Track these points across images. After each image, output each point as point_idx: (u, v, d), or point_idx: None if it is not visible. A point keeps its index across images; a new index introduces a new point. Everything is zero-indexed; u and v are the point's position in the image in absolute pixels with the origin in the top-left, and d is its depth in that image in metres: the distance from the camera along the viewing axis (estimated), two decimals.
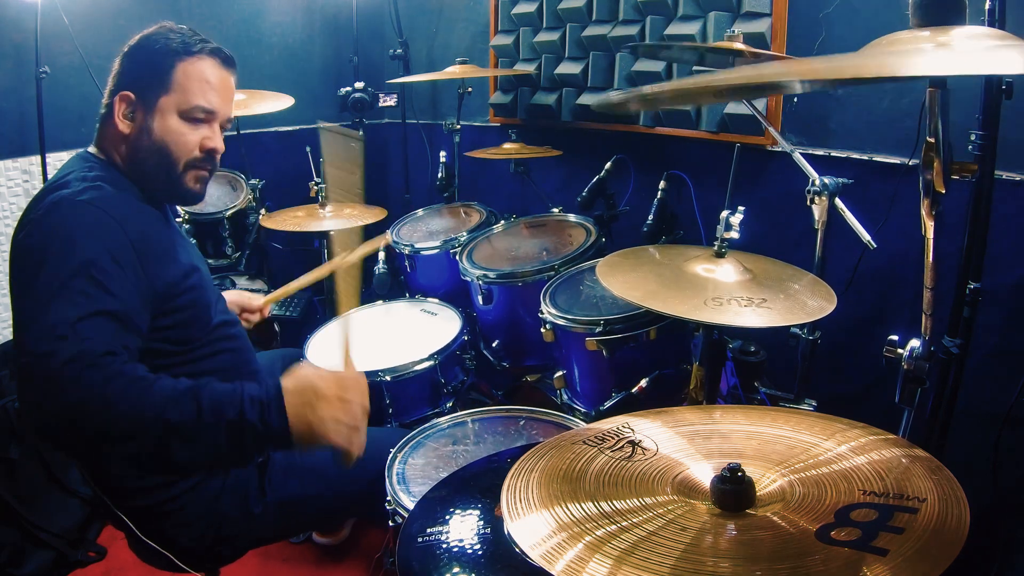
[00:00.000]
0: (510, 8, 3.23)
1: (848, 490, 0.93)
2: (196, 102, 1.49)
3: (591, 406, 2.09)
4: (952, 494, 0.88)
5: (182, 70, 1.49)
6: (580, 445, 1.14)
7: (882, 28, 1.15)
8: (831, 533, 0.85)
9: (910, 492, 0.90)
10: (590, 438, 1.16)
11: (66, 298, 1.20)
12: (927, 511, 0.86)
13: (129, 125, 1.48)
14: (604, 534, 0.90)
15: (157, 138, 1.48)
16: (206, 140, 1.52)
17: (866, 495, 0.91)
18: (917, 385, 1.15)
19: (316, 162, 3.07)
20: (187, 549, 1.54)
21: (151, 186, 1.53)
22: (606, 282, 1.66)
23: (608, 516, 0.95)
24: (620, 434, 1.16)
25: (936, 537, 0.81)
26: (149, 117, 1.48)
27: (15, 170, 2.99)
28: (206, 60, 1.53)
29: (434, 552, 1.12)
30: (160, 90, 1.48)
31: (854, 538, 0.83)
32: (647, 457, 1.10)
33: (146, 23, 1.54)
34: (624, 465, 1.08)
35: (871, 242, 1.57)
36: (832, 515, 0.88)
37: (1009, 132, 1.67)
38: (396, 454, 1.63)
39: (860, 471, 0.97)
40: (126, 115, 1.48)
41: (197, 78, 1.50)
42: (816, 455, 1.04)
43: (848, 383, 2.34)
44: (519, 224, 2.80)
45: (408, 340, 2.29)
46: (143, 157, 1.49)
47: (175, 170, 1.51)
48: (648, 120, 2.79)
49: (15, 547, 2.21)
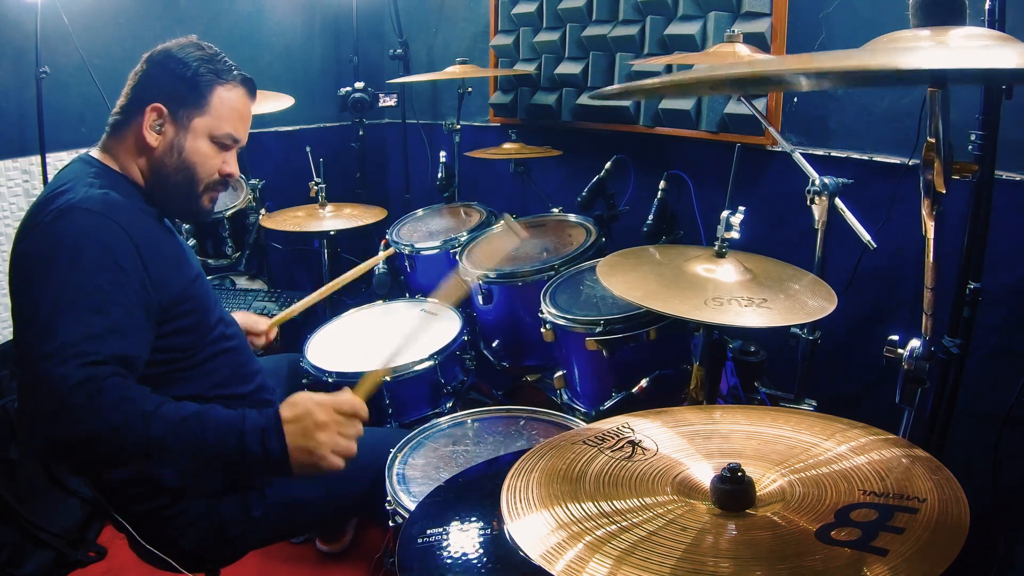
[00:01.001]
0: (510, 8, 3.23)
1: (848, 490, 0.93)
2: (227, 130, 1.52)
3: (591, 406, 2.09)
4: (952, 494, 0.88)
5: (219, 95, 1.51)
6: (580, 445, 1.14)
7: (882, 28, 1.15)
8: (831, 533, 0.85)
9: (910, 492, 0.90)
10: (590, 438, 1.16)
11: (73, 315, 1.20)
12: (927, 511, 0.86)
13: (157, 138, 1.48)
14: (604, 534, 0.90)
15: (186, 157, 1.50)
16: (225, 165, 1.56)
17: (866, 495, 0.91)
18: (917, 385, 1.15)
19: (316, 162, 3.08)
20: (188, 551, 1.54)
21: (167, 200, 1.54)
22: (606, 282, 1.66)
23: (608, 516, 0.95)
24: (620, 434, 1.16)
25: (936, 537, 0.81)
26: (181, 135, 1.49)
27: (15, 170, 2.99)
28: (239, 88, 1.55)
29: (434, 553, 1.12)
30: (195, 110, 1.49)
31: (854, 538, 0.83)
32: (647, 457, 1.10)
33: (146, 23, 1.54)
34: (624, 465, 1.07)
35: (871, 242, 1.57)
36: (832, 515, 0.88)
37: (1009, 132, 1.67)
38: (396, 454, 1.62)
39: (860, 471, 0.97)
40: (154, 127, 1.48)
41: (230, 106, 1.52)
42: (816, 455, 1.04)
43: (848, 383, 2.34)
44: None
45: (408, 340, 2.29)
46: (167, 173, 1.50)
47: (195, 190, 1.54)
48: (648, 120, 2.79)
49: (15, 547, 2.21)
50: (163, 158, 1.49)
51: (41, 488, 2.34)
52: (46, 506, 2.31)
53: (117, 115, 1.52)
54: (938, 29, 1.06)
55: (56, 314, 1.20)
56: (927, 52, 0.96)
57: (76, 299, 1.22)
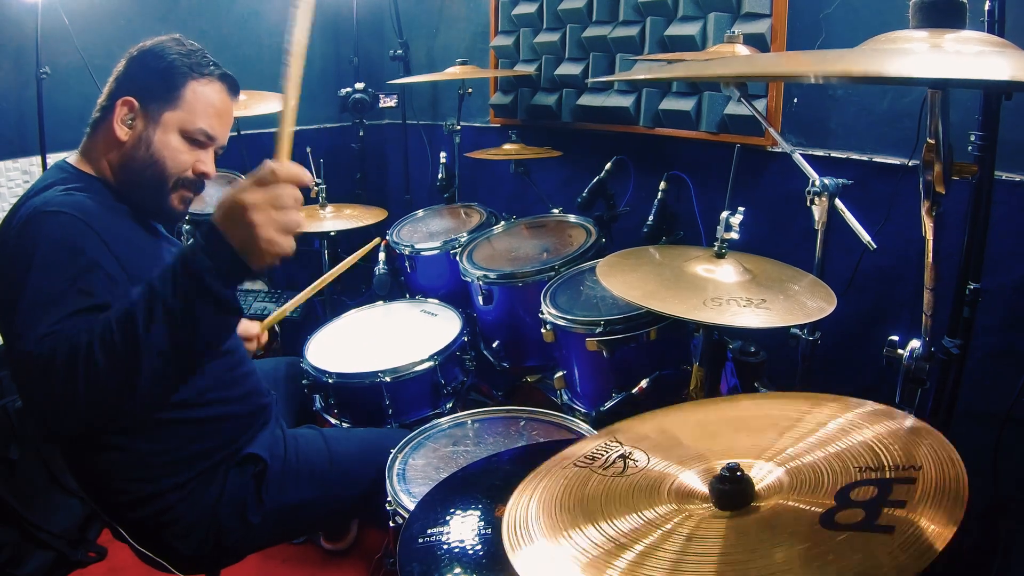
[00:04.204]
0: (510, 9, 3.24)
1: (844, 469, 0.91)
2: (200, 125, 1.48)
3: (591, 406, 2.09)
4: (946, 456, 0.86)
5: (192, 89, 1.47)
6: (572, 468, 1.10)
7: (882, 28, 1.15)
8: (835, 517, 0.83)
9: (904, 461, 0.88)
10: (580, 459, 1.12)
11: (47, 306, 1.17)
12: (924, 478, 0.84)
13: (127, 132, 1.45)
14: (613, 555, 0.88)
15: (155, 151, 1.45)
16: (199, 163, 1.50)
17: (862, 471, 0.89)
18: (918, 385, 1.15)
19: (316, 163, 3.07)
20: (186, 557, 1.54)
21: (136, 197, 1.50)
22: (606, 282, 1.67)
23: (613, 537, 0.92)
24: (608, 450, 1.13)
25: (938, 505, 0.79)
26: (150, 128, 1.45)
27: (15, 170, 2.99)
28: (216, 84, 1.52)
29: (434, 553, 1.12)
30: (166, 104, 1.46)
31: (859, 519, 0.81)
32: (640, 469, 1.07)
33: (146, 23, 1.54)
34: (619, 482, 1.05)
35: (871, 243, 1.57)
36: (832, 498, 0.86)
37: (1009, 132, 1.67)
38: (396, 454, 1.62)
39: (852, 448, 0.95)
40: (125, 121, 1.45)
41: (205, 101, 1.49)
42: (805, 435, 1.01)
43: (848, 383, 2.34)
44: (519, 225, 2.80)
45: (408, 340, 2.29)
46: (136, 167, 1.46)
47: (164, 186, 1.48)
48: (648, 121, 2.80)
49: (15, 547, 2.21)
50: (132, 151, 1.45)
51: (41, 488, 2.34)
52: (46, 506, 2.31)
53: (96, 113, 1.50)
54: (936, 31, 1.06)
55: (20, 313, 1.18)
56: (917, 58, 0.96)
57: (54, 297, 1.18)
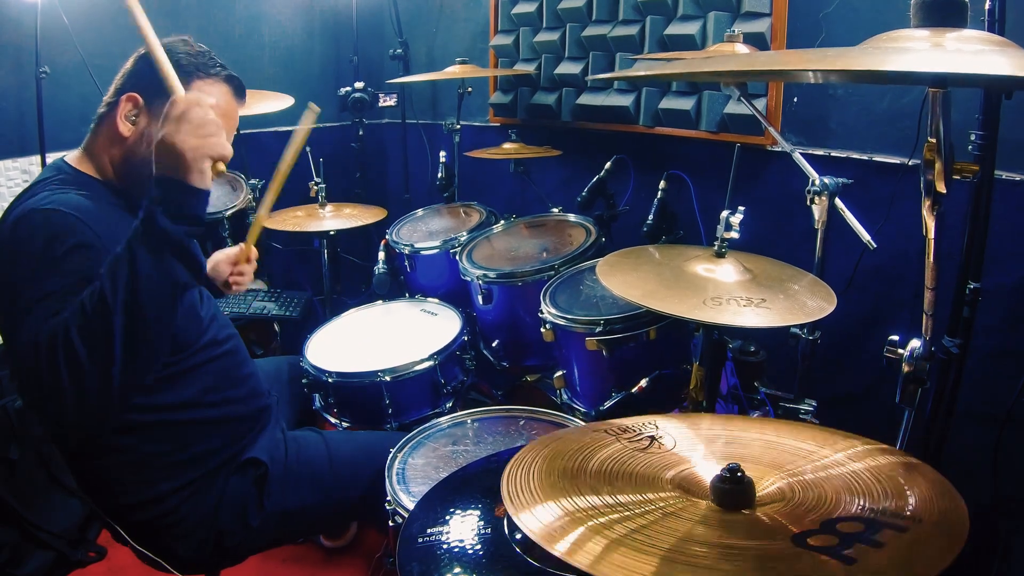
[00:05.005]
0: (510, 8, 3.23)
1: (849, 501, 0.94)
2: None
3: (591, 406, 2.09)
4: (956, 531, 0.86)
5: (197, 88, 1.46)
6: (601, 433, 1.17)
7: (882, 28, 1.15)
8: (808, 539, 0.86)
9: (910, 512, 0.90)
10: (612, 428, 1.19)
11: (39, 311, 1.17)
12: (918, 534, 0.86)
13: (130, 128, 1.45)
14: (604, 521, 0.92)
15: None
16: None
17: (864, 510, 0.92)
18: (918, 385, 1.15)
19: (316, 162, 3.08)
20: (185, 559, 1.54)
21: (136, 194, 1.48)
22: (606, 282, 1.66)
23: (611, 506, 0.97)
24: (643, 428, 1.20)
25: (919, 553, 0.82)
26: (153, 125, 1.43)
27: (15, 170, 2.99)
28: (221, 85, 1.52)
29: (434, 552, 1.12)
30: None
31: (828, 545, 0.84)
32: (660, 452, 1.12)
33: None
34: (634, 456, 1.10)
35: (871, 242, 1.57)
36: (819, 523, 0.90)
37: (1009, 132, 1.67)
38: (396, 454, 1.63)
39: (869, 487, 0.98)
40: (129, 116, 1.45)
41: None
42: (825, 466, 1.05)
43: (848, 383, 2.34)
44: (519, 224, 2.80)
45: (408, 340, 2.29)
46: (136, 163, 1.45)
47: None
48: (648, 120, 2.79)
49: (15, 547, 2.21)
50: (134, 147, 1.45)
51: (41, 488, 2.34)
52: (46, 506, 2.31)
53: (101, 108, 1.49)
54: (937, 30, 1.06)
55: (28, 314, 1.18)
56: (917, 55, 0.96)
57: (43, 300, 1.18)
